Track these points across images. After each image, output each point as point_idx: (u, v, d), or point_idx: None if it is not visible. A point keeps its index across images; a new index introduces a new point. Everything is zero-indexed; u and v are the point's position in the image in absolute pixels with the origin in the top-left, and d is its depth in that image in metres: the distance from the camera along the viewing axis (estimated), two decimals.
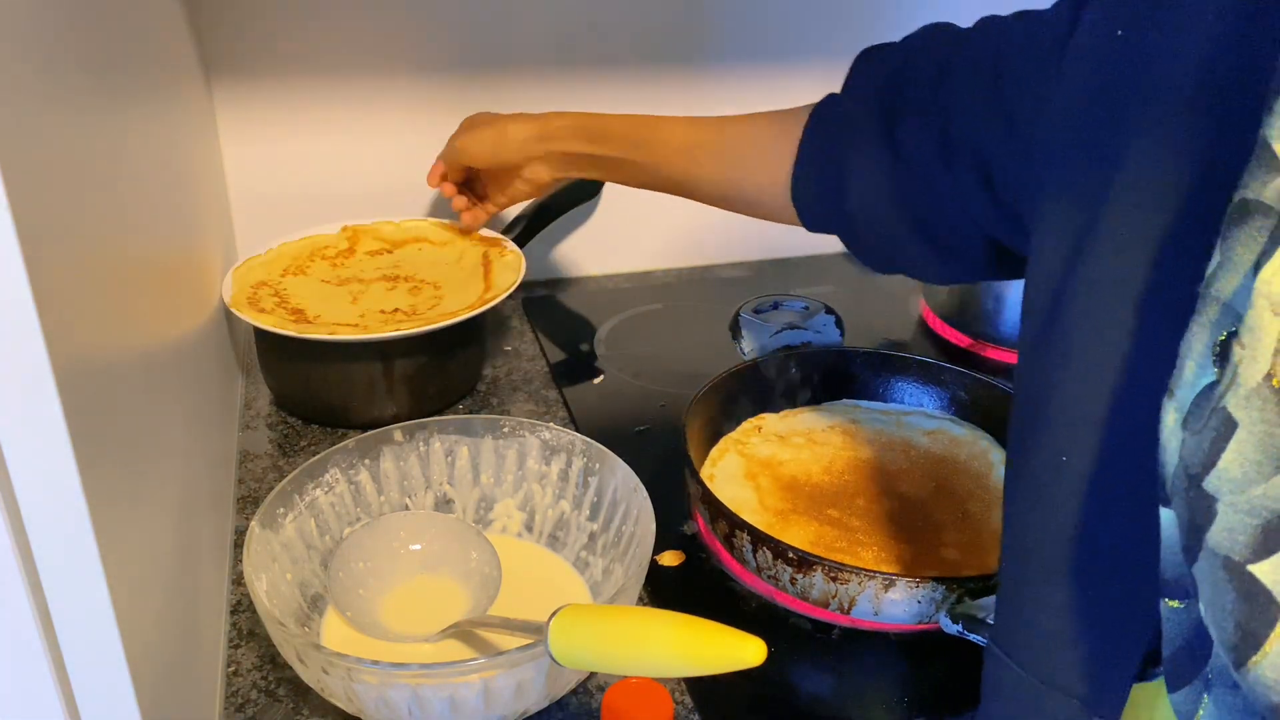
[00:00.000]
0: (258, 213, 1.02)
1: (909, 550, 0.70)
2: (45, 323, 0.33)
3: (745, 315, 0.87)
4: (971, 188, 0.59)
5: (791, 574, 0.64)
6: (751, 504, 0.73)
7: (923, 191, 0.62)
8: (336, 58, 0.98)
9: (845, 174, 0.66)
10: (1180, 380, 0.32)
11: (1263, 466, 0.28)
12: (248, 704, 0.61)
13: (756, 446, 0.79)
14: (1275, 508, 0.28)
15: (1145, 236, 0.39)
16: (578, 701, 0.61)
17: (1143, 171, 0.40)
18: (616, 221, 1.14)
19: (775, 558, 0.64)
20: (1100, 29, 0.45)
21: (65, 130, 0.41)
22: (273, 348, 0.86)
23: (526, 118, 0.85)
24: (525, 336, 1.02)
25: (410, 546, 0.67)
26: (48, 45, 0.40)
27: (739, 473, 0.77)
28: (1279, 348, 0.28)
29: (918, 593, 0.62)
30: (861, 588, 0.62)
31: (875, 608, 0.63)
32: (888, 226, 0.65)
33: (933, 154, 0.61)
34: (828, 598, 0.64)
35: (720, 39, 1.07)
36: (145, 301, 0.55)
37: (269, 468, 0.81)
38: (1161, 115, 0.39)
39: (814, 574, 0.63)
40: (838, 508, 0.73)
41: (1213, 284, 0.31)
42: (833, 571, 0.62)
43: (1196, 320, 0.32)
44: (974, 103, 0.58)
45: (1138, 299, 0.39)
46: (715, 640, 0.46)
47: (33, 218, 0.33)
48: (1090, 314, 0.41)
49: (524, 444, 0.71)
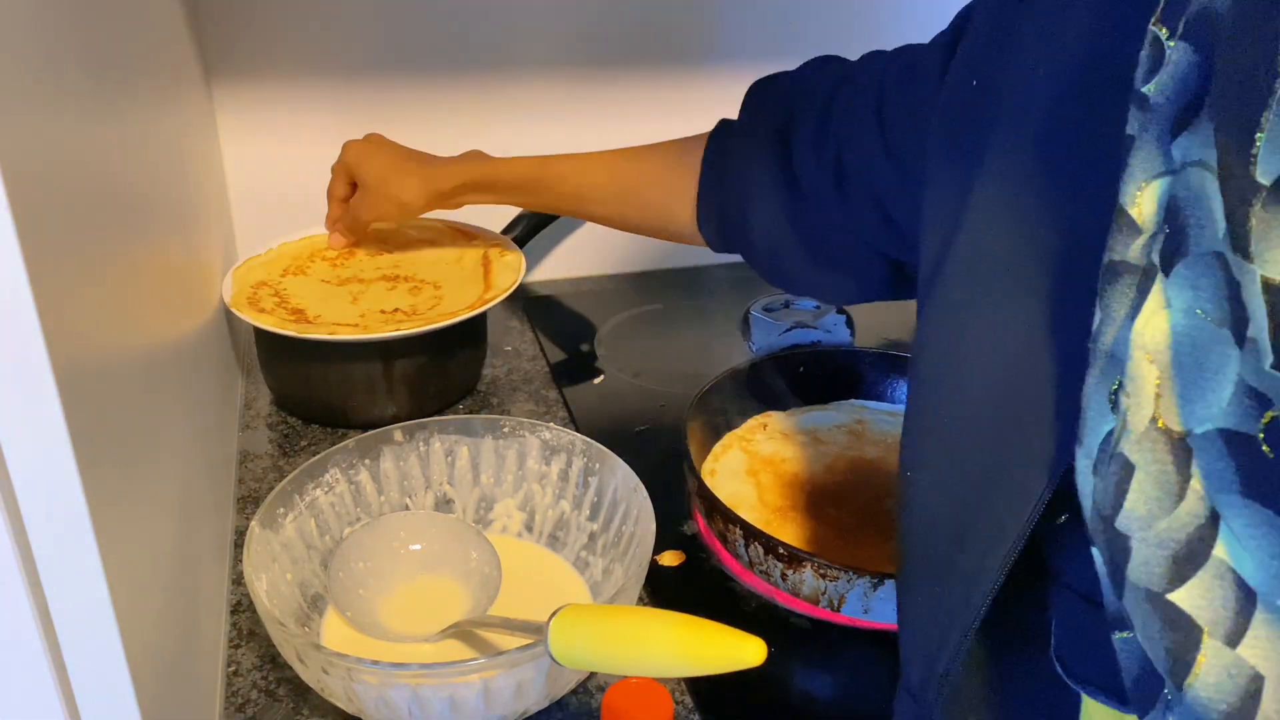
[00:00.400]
0: (258, 213, 1.02)
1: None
2: (45, 323, 0.33)
3: (755, 313, 0.87)
4: (868, 215, 0.63)
5: (782, 569, 0.64)
6: (750, 500, 0.73)
7: (822, 220, 0.66)
8: (336, 58, 0.98)
9: (746, 203, 0.69)
10: (1085, 429, 0.34)
11: (1163, 502, 0.30)
12: (248, 704, 0.61)
13: (760, 444, 0.80)
14: (1180, 538, 0.30)
15: (1014, 290, 0.41)
16: (578, 701, 0.61)
17: (982, 236, 0.43)
18: None
19: (766, 553, 0.64)
20: (960, 77, 0.48)
21: (66, 131, 0.41)
22: (273, 348, 0.86)
23: (415, 173, 0.83)
24: (525, 336, 1.02)
25: (410, 546, 0.67)
26: (48, 46, 0.40)
27: (741, 469, 0.77)
28: (1158, 392, 0.31)
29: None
30: (851, 585, 0.62)
31: (865, 605, 0.63)
32: (790, 252, 0.68)
33: (829, 184, 0.64)
34: (817, 594, 0.64)
35: (720, 39, 1.07)
36: (145, 302, 0.55)
37: (269, 468, 0.81)
38: (1013, 174, 0.42)
39: (804, 570, 0.63)
40: (836, 506, 0.73)
41: (1099, 338, 0.34)
42: (822, 568, 0.62)
43: (1091, 372, 0.34)
44: (863, 140, 0.61)
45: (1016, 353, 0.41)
46: (715, 640, 0.46)
47: (33, 218, 0.33)
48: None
49: (524, 444, 0.71)
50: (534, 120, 1.05)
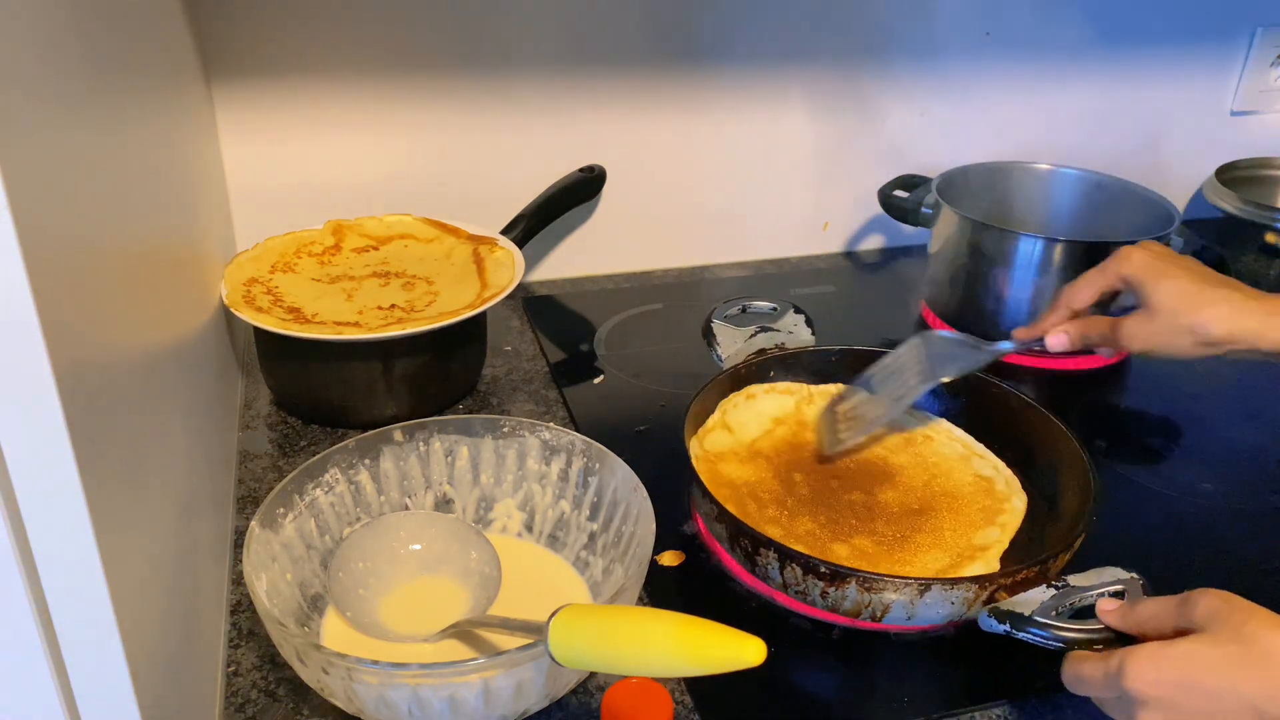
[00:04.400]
0: (258, 213, 1.02)
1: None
2: (45, 323, 0.33)
3: (717, 321, 0.86)
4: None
5: (823, 588, 0.63)
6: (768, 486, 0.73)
7: None
8: (337, 58, 0.98)
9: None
10: None
11: None
12: (248, 704, 0.61)
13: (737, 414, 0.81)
14: None
15: None
16: (578, 701, 0.61)
17: None
18: (616, 221, 1.14)
19: (805, 573, 0.63)
20: None
21: (66, 131, 0.41)
22: (273, 347, 0.86)
23: (1226, 300, 0.69)
24: (525, 336, 1.02)
25: (410, 546, 0.67)
26: (48, 46, 0.40)
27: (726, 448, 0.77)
28: None
29: (952, 594, 0.61)
30: (899, 593, 0.61)
31: (909, 613, 0.63)
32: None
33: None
34: (860, 608, 0.63)
35: (720, 39, 1.07)
36: (145, 301, 0.55)
37: (269, 468, 0.81)
38: None
39: (848, 586, 0.62)
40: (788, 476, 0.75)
41: None
42: (866, 582, 0.62)
43: None
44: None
45: None
46: (715, 640, 0.46)
47: (33, 218, 0.33)
48: None
49: (524, 444, 0.71)
50: (536, 120, 1.05)
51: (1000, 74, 1.17)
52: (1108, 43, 1.19)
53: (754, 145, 1.14)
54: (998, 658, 0.65)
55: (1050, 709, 0.62)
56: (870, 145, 1.18)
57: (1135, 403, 0.97)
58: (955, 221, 1.00)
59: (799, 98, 1.13)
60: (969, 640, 0.66)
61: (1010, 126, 1.21)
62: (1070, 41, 1.18)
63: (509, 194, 1.03)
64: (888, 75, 1.14)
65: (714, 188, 1.15)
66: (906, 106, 1.17)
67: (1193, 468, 0.85)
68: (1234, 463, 0.86)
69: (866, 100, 1.15)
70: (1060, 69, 1.19)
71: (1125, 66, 1.21)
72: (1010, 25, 1.14)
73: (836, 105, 1.14)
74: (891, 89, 1.15)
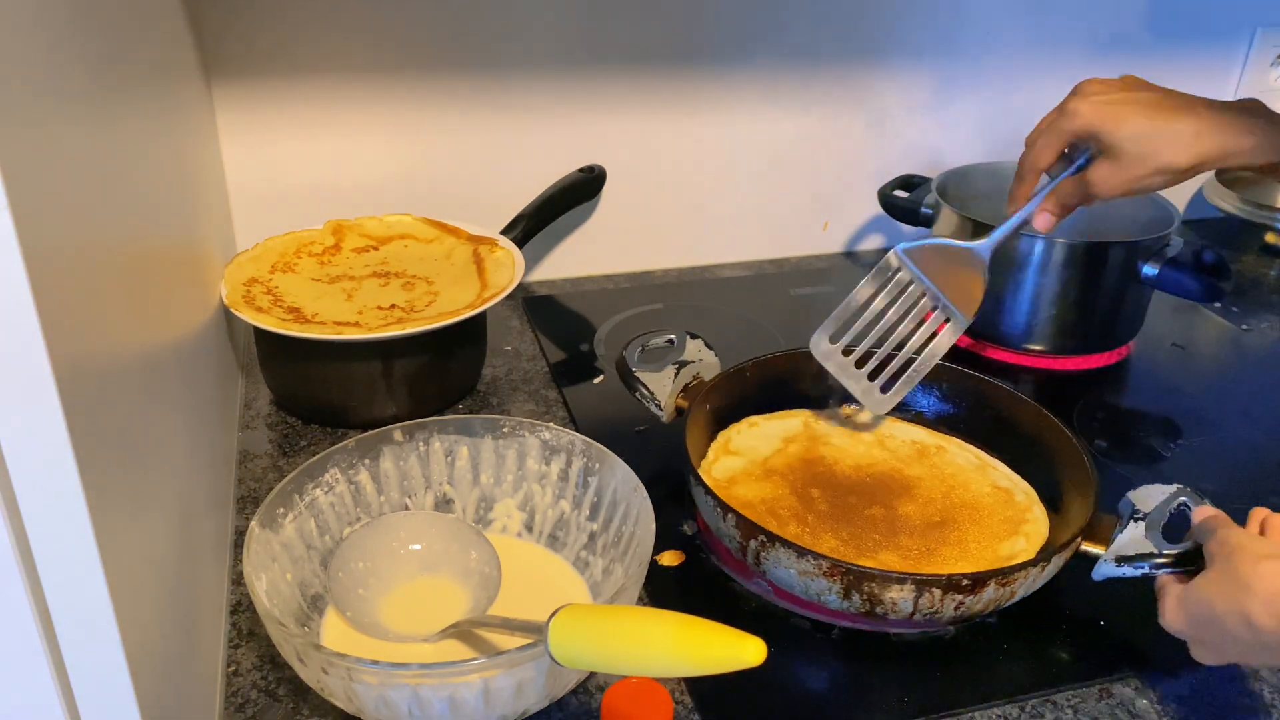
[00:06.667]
0: (258, 213, 1.02)
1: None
2: (45, 323, 0.33)
3: (636, 368, 0.81)
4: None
5: (959, 600, 0.62)
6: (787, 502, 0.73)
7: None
8: (337, 57, 0.98)
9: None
10: None
11: None
12: (248, 704, 0.61)
13: (747, 439, 0.80)
14: None
15: None
16: (578, 701, 0.61)
17: None
18: (616, 221, 1.14)
19: (936, 590, 0.62)
20: None
21: (66, 131, 0.41)
22: (273, 347, 0.86)
23: (1188, 127, 0.70)
24: (525, 336, 1.02)
25: (410, 546, 0.67)
26: (48, 46, 0.40)
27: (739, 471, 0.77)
28: None
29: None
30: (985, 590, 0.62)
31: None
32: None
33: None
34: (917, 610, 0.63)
35: (720, 39, 1.07)
36: (145, 302, 0.55)
37: (269, 468, 0.81)
38: None
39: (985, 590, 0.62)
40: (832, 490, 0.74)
41: None
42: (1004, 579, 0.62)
43: None
44: None
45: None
46: (715, 640, 0.46)
47: (33, 218, 0.33)
48: None
49: (524, 444, 0.71)
50: (536, 120, 1.05)
51: (1000, 74, 1.17)
52: (1108, 42, 1.19)
53: (754, 145, 1.14)
54: (998, 658, 0.65)
55: (1050, 709, 0.62)
56: (870, 145, 1.18)
57: (1135, 403, 0.97)
58: (955, 221, 0.99)
59: (799, 98, 1.13)
60: (969, 640, 0.66)
61: (1010, 126, 1.21)
62: (1070, 41, 1.18)
63: (509, 194, 1.03)
64: (888, 75, 1.14)
65: (714, 188, 1.15)
66: (906, 107, 1.17)
67: (1193, 468, 0.85)
68: (1234, 463, 0.86)
69: (866, 100, 1.15)
70: (1061, 69, 1.19)
71: (1125, 66, 1.21)
72: (1010, 25, 1.15)
73: (837, 105, 1.14)
74: (891, 89, 1.15)
